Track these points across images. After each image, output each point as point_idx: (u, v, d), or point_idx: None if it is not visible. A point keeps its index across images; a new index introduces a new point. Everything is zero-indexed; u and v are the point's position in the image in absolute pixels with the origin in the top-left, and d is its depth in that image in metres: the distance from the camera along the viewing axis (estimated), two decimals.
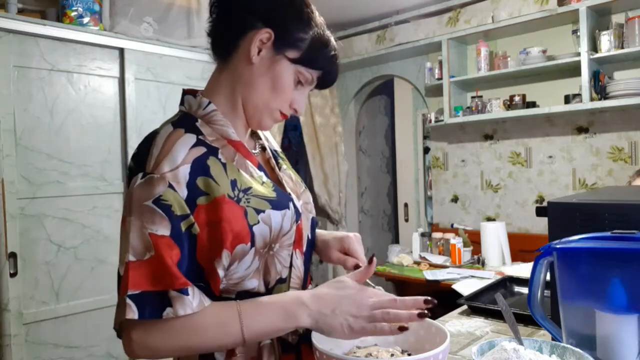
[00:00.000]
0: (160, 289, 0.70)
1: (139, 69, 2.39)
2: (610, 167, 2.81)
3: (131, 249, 0.71)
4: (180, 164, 0.74)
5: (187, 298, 0.70)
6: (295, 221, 0.85)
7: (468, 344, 1.12)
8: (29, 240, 2.04)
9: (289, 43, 0.82)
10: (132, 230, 0.72)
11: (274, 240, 0.81)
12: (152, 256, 0.70)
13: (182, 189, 0.74)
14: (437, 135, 3.59)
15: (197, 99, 0.85)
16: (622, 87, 2.50)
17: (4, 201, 1.96)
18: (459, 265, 2.90)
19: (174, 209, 0.72)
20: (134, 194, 0.74)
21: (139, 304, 0.69)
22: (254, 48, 0.81)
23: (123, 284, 0.71)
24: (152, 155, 0.76)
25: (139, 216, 0.72)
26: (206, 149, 0.79)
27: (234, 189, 0.78)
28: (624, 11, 2.61)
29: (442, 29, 3.41)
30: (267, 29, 0.80)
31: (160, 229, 0.71)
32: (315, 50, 0.83)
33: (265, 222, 0.79)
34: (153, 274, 0.70)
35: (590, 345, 0.76)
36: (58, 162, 2.14)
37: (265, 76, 0.82)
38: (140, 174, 0.75)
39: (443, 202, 3.58)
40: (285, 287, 0.86)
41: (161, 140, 0.77)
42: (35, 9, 2.31)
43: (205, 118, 0.83)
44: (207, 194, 0.75)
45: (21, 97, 2.04)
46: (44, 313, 2.07)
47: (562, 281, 0.80)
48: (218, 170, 0.78)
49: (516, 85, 3.07)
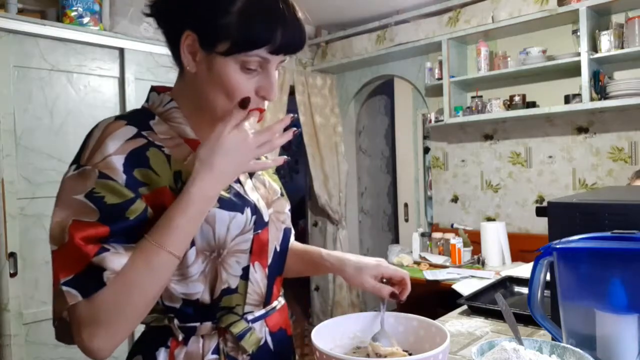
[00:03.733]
0: (85, 265, 0.66)
1: (139, 69, 2.39)
2: (610, 167, 2.81)
3: (52, 239, 0.69)
4: (112, 153, 0.69)
5: (108, 254, 0.66)
6: (252, 229, 0.78)
7: (468, 344, 1.12)
8: (29, 240, 2.04)
9: (214, 36, 0.72)
10: (54, 220, 0.69)
11: (220, 245, 0.75)
12: (67, 240, 0.66)
13: (119, 175, 0.69)
14: (437, 135, 3.59)
15: (160, 95, 0.81)
16: (622, 87, 2.50)
17: (4, 201, 1.96)
18: (459, 265, 2.90)
19: (107, 199, 0.67)
20: (64, 185, 0.70)
21: (78, 287, 0.65)
22: (184, 55, 0.74)
23: (54, 274, 0.68)
24: (87, 146, 0.72)
25: (66, 208, 0.68)
26: (146, 142, 0.73)
27: (176, 182, 0.73)
28: (624, 11, 2.61)
29: (442, 29, 3.41)
30: (187, 31, 0.73)
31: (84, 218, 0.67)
32: (247, 27, 0.71)
33: (207, 221, 0.73)
34: (72, 256, 0.66)
35: (590, 345, 0.76)
36: (58, 162, 2.14)
37: (210, 82, 0.75)
38: (74, 166, 0.71)
39: (443, 202, 3.58)
40: (238, 299, 0.79)
41: (98, 132, 0.73)
42: (35, 9, 2.31)
43: (164, 115, 0.79)
44: (147, 184, 0.71)
45: (21, 97, 2.04)
46: (44, 313, 2.07)
47: (562, 281, 0.80)
48: (159, 161, 0.73)
49: (516, 85, 3.07)
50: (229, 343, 0.78)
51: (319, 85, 3.89)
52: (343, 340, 0.86)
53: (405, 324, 0.86)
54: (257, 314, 0.82)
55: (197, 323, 0.77)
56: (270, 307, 0.85)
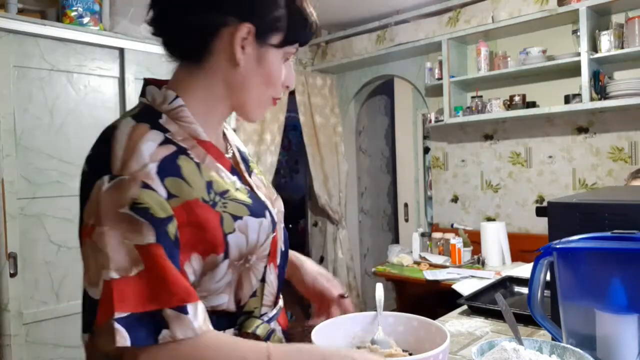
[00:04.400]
0: (153, 308, 0.60)
1: (139, 69, 2.39)
2: (610, 167, 2.81)
3: (112, 265, 0.60)
4: (148, 161, 0.64)
5: (186, 317, 0.60)
6: (271, 231, 0.78)
7: (468, 344, 1.12)
8: (29, 240, 2.04)
9: (270, 29, 0.73)
10: (109, 242, 0.61)
11: (250, 252, 0.73)
12: (141, 271, 0.60)
13: (159, 187, 0.64)
14: (437, 135, 3.59)
15: (161, 90, 0.76)
16: (622, 87, 2.50)
17: (4, 201, 1.96)
18: (459, 265, 2.90)
19: (154, 211, 0.62)
20: (102, 201, 0.63)
21: (129, 328, 0.58)
22: (237, 49, 0.72)
23: (104, 306, 0.59)
24: (115, 153, 0.65)
25: (115, 226, 0.61)
26: (176, 148, 0.69)
27: (209, 192, 0.69)
28: (624, 11, 2.61)
29: (442, 29, 3.41)
30: (244, 23, 0.71)
31: (146, 237, 0.61)
32: (295, 21, 0.75)
33: (241, 230, 0.71)
34: (145, 291, 0.60)
35: (590, 345, 0.76)
36: (58, 162, 2.13)
37: (256, 73, 0.75)
38: (107, 177, 0.64)
39: (443, 202, 3.58)
40: (257, 302, 0.78)
41: (123, 135, 0.67)
42: (35, 9, 2.31)
43: (171, 114, 0.73)
44: (177, 197, 0.65)
45: (21, 97, 2.04)
46: (44, 313, 2.07)
47: (562, 281, 0.80)
48: (191, 170, 0.69)
49: (516, 85, 3.07)
50: None
51: (319, 85, 3.89)
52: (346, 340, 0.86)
53: (406, 324, 0.86)
54: (270, 315, 0.82)
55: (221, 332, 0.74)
56: (278, 307, 0.86)
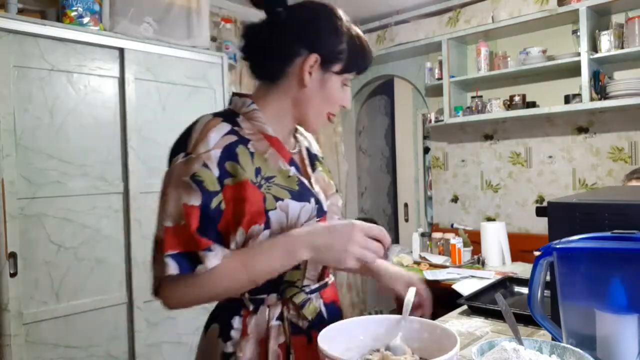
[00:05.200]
0: (190, 250, 0.83)
1: (139, 69, 2.38)
2: (610, 167, 2.81)
3: (169, 216, 0.83)
4: (212, 147, 0.85)
5: (211, 254, 0.83)
6: (315, 216, 0.93)
7: (468, 344, 1.13)
8: (29, 240, 2.04)
9: (333, 59, 0.93)
10: (169, 200, 0.84)
11: (290, 227, 0.89)
12: (184, 224, 0.82)
13: (215, 168, 0.85)
14: (437, 135, 3.59)
15: (242, 99, 0.96)
16: (622, 87, 2.50)
17: (4, 201, 1.96)
18: (459, 265, 2.90)
19: (206, 184, 0.84)
20: (174, 170, 0.86)
21: (177, 262, 0.82)
22: (306, 74, 0.92)
23: (161, 245, 0.83)
24: (192, 137, 0.88)
25: (176, 188, 0.84)
26: (237, 138, 0.89)
27: (257, 176, 0.88)
28: (624, 11, 2.61)
29: (442, 29, 3.41)
30: (313, 54, 0.91)
31: (192, 200, 0.83)
32: (354, 54, 0.94)
33: (282, 209, 0.88)
34: (184, 238, 0.82)
35: (590, 345, 0.76)
36: (58, 162, 2.13)
37: (318, 94, 0.94)
38: (182, 154, 0.87)
39: (443, 202, 3.58)
40: (299, 274, 0.94)
41: (200, 126, 0.89)
42: (35, 9, 2.31)
43: (247, 115, 0.94)
44: (234, 177, 0.86)
45: (21, 97, 2.04)
46: (44, 313, 2.07)
47: (562, 281, 0.80)
48: (245, 157, 0.88)
49: (516, 85, 3.08)
50: (291, 311, 0.93)
51: None
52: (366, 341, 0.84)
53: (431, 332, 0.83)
54: (313, 287, 0.96)
55: (265, 295, 0.92)
56: (323, 282, 1.00)
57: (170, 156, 0.90)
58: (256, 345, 0.90)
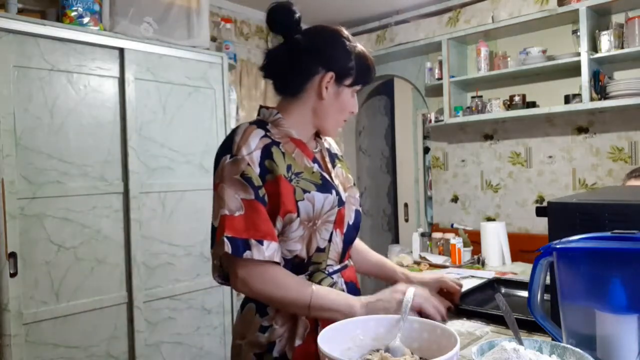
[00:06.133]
0: (245, 237, 0.98)
1: (139, 69, 2.38)
2: (610, 167, 2.81)
3: (227, 207, 0.99)
4: (254, 149, 1.03)
5: (261, 247, 0.98)
6: (337, 205, 1.10)
7: (468, 344, 1.12)
8: (29, 240, 2.04)
9: (345, 75, 1.11)
10: (226, 193, 1.00)
11: (316, 217, 1.06)
12: (241, 214, 0.99)
13: (256, 167, 1.02)
14: (437, 135, 3.59)
15: (269, 110, 1.14)
16: (622, 87, 2.50)
17: (4, 201, 1.96)
18: (459, 265, 2.89)
19: (253, 180, 1.01)
20: (225, 169, 1.03)
21: (231, 243, 0.97)
22: (324, 89, 1.10)
23: (220, 229, 0.99)
24: (235, 142, 1.04)
25: (231, 185, 1.01)
26: (271, 140, 1.07)
27: (288, 171, 1.05)
28: (624, 11, 2.61)
29: (442, 29, 3.41)
30: (329, 72, 1.09)
31: (246, 195, 1.00)
32: (361, 68, 1.12)
33: (309, 200, 1.05)
34: (242, 225, 0.98)
35: (590, 345, 0.76)
36: (58, 162, 2.13)
37: (334, 105, 1.13)
38: (229, 155, 1.04)
39: (443, 202, 3.58)
40: (324, 257, 1.11)
41: (241, 131, 1.06)
42: (35, 9, 2.30)
43: (274, 122, 1.12)
44: (272, 172, 1.03)
45: (21, 97, 2.03)
46: (44, 313, 2.07)
47: (562, 281, 0.80)
48: (279, 156, 1.06)
49: (516, 85, 3.08)
50: None
51: None
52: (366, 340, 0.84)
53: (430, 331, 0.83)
54: (335, 268, 1.14)
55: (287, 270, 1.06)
56: (343, 264, 1.18)
57: (217, 158, 1.07)
58: (289, 318, 1.06)
